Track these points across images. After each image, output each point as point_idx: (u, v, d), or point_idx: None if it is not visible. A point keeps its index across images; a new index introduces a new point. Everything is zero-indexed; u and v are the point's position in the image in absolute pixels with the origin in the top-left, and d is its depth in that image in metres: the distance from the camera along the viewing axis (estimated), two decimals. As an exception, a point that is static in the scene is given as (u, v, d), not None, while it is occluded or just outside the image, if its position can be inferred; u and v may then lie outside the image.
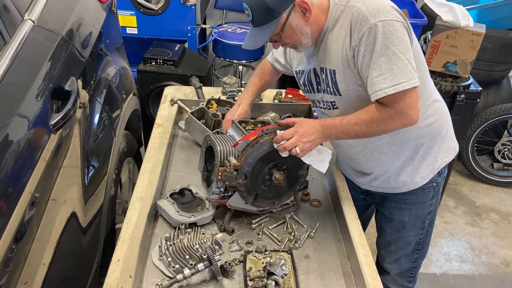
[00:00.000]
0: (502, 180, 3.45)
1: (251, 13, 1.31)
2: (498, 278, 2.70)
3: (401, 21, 1.28)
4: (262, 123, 1.67)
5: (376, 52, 1.26)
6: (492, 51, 3.08)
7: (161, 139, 1.84)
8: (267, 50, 3.97)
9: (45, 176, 1.23)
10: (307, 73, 1.51)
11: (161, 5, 3.14)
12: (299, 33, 1.35)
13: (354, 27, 1.30)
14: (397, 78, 1.26)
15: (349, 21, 1.31)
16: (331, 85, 1.42)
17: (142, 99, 2.89)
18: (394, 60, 1.26)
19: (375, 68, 1.28)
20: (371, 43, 1.27)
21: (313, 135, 1.37)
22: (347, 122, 1.36)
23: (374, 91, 1.29)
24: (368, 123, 1.34)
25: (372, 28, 1.26)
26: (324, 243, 1.46)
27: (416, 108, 1.31)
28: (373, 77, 1.28)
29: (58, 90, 1.39)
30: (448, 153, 1.61)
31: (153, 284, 1.26)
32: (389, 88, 1.27)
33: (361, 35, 1.28)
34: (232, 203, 1.45)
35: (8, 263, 1.05)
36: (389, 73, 1.26)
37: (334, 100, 1.44)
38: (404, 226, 1.68)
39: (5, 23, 1.30)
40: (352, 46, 1.31)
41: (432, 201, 1.65)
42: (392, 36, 1.25)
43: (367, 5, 1.29)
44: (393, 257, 1.78)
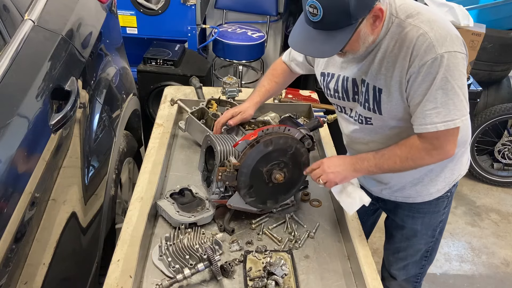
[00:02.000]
0: (502, 180, 3.45)
1: (321, 13, 1.12)
2: (498, 278, 2.70)
3: (463, 52, 1.21)
4: (262, 123, 1.67)
5: (435, 84, 1.19)
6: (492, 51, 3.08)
7: (161, 139, 1.84)
8: (267, 50, 3.97)
9: (45, 176, 1.23)
10: (343, 80, 1.40)
11: (161, 5, 3.14)
12: (361, 42, 1.22)
13: (416, 52, 1.20)
14: (451, 114, 1.21)
15: (411, 43, 1.20)
16: (372, 102, 1.33)
17: (142, 99, 2.89)
18: (452, 95, 1.20)
19: (430, 100, 1.21)
20: (432, 73, 1.19)
21: (338, 167, 1.35)
22: (381, 156, 1.32)
23: (424, 123, 1.23)
24: (404, 159, 1.30)
25: (437, 58, 1.17)
26: (324, 243, 1.46)
27: (455, 143, 1.27)
28: (427, 109, 1.22)
29: (58, 90, 1.39)
30: (464, 166, 1.57)
31: (153, 284, 1.26)
32: (441, 123, 1.22)
33: (423, 62, 1.19)
34: (232, 203, 1.45)
35: (8, 263, 1.05)
36: (443, 108, 1.20)
37: (370, 116, 1.37)
38: (416, 234, 1.64)
39: (5, 23, 1.30)
40: (409, 71, 1.22)
41: (445, 211, 1.61)
42: (454, 69, 1.18)
43: (434, 30, 1.19)
44: (401, 263, 1.74)
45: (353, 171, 1.37)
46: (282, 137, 1.39)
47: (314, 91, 2.33)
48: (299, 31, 1.21)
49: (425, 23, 1.21)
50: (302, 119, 2.04)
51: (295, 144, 1.43)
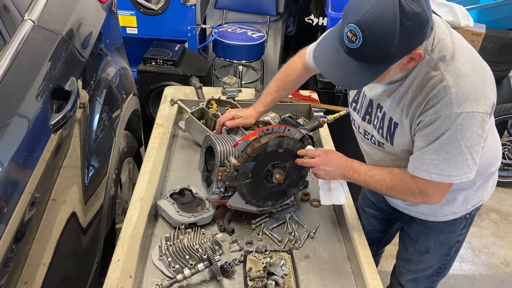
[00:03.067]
0: (502, 180, 3.45)
1: (359, 43, 1.02)
2: (498, 278, 2.70)
3: (484, 112, 1.13)
4: (262, 123, 1.67)
5: (442, 140, 1.15)
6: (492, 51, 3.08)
7: (161, 139, 1.84)
8: (267, 50, 3.97)
9: (45, 176, 1.23)
10: (362, 95, 1.37)
11: (161, 5, 3.14)
12: (388, 76, 1.17)
13: (433, 102, 1.14)
14: (448, 170, 1.18)
15: (431, 91, 1.14)
16: (386, 132, 1.30)
17: (142, 99, 2.89)
18: (456, 153, 1.15)
19: (433, 151, 1.17)
20: (442, 128, 1.14)
21: (331, 167, 1.35)
22: (372, 176, 1.31)
23: (419, 168, 1.21)
24: (390, 188, 1.29)
25: (451, 116, 1.12)
26: (324, 243, 1.46)
27: (442, 195, 1.25)
28: (427, 157, 1.19)
29: (58, 90, 1.39)
30: (489, 191, 1.50)
31: (153, 284, 1.26)
32: (436, 175, 1.19)
33: (437, 116, 1.13)
34: (232, 203, 1.45)
35: (8, 263, 1.05)
36: (443, 163, 1.17)
37: (383, 142, 1.34)
38: (428, 251, 1.59)
39: (5, 23, 1.30)
40: (421, 117, 1.17)
41: (462, 232, 1.55)
42: (466, 129, 1.13)
43: (459, 86, 1.11)
44: (411, 275, 1.69)
45: (342, 176, 1.37)
46: (282, 137, 1.39)
47: (314, 91, 2.33)
48: (328, 47, 1.12)
49: (452, 75, 1.13)
50: (302, 119, 2.04)
51: (295, 144, 1.43)
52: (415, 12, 1.00)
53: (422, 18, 1.02)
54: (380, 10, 0.99)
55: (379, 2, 0.99)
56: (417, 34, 1.04)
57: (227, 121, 1.56)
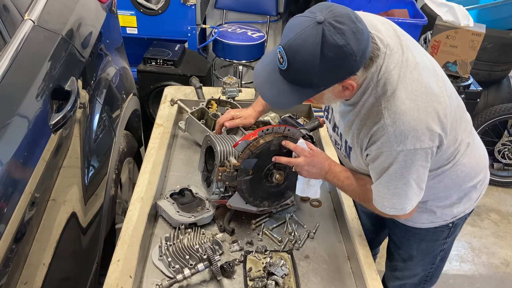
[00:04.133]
0: (502, 180, 3.45)
1: (285, 65, 1.05)
2: (498, 278, 2.70)
3: (427, 147, 1.12)
4: (262, 123, 1.67)
5: (389, 175, 1.17)
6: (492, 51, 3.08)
7: (161, 139, 1.84)
8: (267, 50, 3.97)
9: (45, 176, 1.23)
10: (332, 110, 1.38)
11: (161, 5, 3.14)
12: (326, 101, 1.19)
13: (373, 140, 1.16)
14: (400, 204, 1.21)
15: (371, 128, 1.15)
16: (344, 150, 1.34)
17: (142, 99, 2.89)
18: (405, 188, 1.18)
19: (383, 185, 1.20)
20: (385, 164, 1.16)
21: (315, 169, 1.36)
22: (348, 185, 1.34)
23: (375, 200, 1.25)
24: (362, 201, 1.33)
25: (392, 154, 1.13)
26: (324, 243, 1.46)
27: (410, 213, 1.27)
28: (379, 190, 1.22)
29: (58, 90, 1.39)
30: (470, 203, 1.44)
31: (153, 284, 1.26)
32: (390, 208, 1.23)
33: (379, 152, 1.15)
34: (232, 203, 1.45)
35: (8, 263, 1.05)
36: (394, 198, 1.20)
37: (346, 155, 1.36)
38: (411, 258, 1.59)
39: (5, 23, 1.30)
40: (367, 151, 1.20)
41: (446, 240, 1.53)
42: (410, 166, 1.14)
43: (397, 125, 1.10)
44: (398, 282, 1.69)
45: (323, 178, 1.38)
46: (286, 137, 1.39)
47: (314, 91, 2.32)
48: (267, 63, 1.13)
49: (390, 113, 1.11)
50: (302, 119, 2.04)
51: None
52: (338, 45, 0.99)
53: (345, 51, 1.00)
54: (304, 38, 1.00)
55: (304, 29, 1.00)
56: (341, 65, 1.02)
57: (226, 122, 1.56)
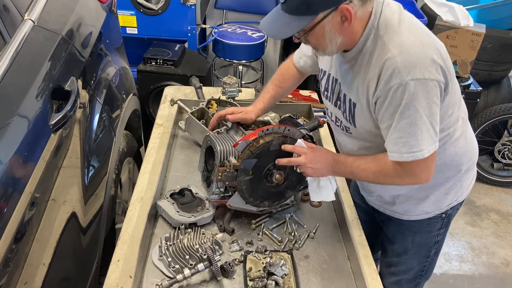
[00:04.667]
0: (502, 180, 3.45)
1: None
2: (498, 278, 2.70)
3: (436, 79, 1.14)
4: (262, 123, 1.67)
5: (401, 112, 1.15)
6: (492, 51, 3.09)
7: (161, 139, 1.84)
8: (267, 50, 3.97)
9: (45, 176, 1.23)
10: (332, 80, 1.38)
11: (161, 5, 3.14)
12: (328, 39, 1.19)
13: (383, 76, 1.16)
14: (418, 145, 1.17)
15: (378, 65, 1.17)
16: (348, 113, 1.32)
17: (142, 99, 2.89)
18: (420, 124, 1.16)
19: (398, 128, 1.18)
20: (397, 99, 1.15)
21: (319, 164, 1.33)
22: (357, 166, 1.30)
23: (392, 150, 1.21)
24: (376, 173, 1.28)
25: (402, 85, 1.13)
26: (324, 243, 1.46)
27: (429, 171, 1.24)
28: (394, 137, 1.19)
29: (58, 90, 1.39)
30: (464, 190, 1.49)
31: (153, 284, 1.26)
32: (408, 154, 1.18)
33: (388, 87, 1.15)
34: (232, 203, 1.45)
35: (8, 263, 1.05)
36: (411, 138, 1.17)
37: (349, 126, 1.35)
38: (406, 252, 1.58)
39: (5, 23, 1.30)
40: (376, 94, 1.19)
41: (440, 232, 1.54)
42: (422, 98, 1.13)
43: (404, 55, 1.13)
44: (393, 278, 1.69)
45: (331, 172, 1.36)
46: (285, 137, 1.39)
47: (314, 91, 2.33)
48: (273, 12, 1.21)
49: (396, 46, 1.15)
50: (302, 119, 2.04)
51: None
52: None
53: None
54: None
55: None
56: None
57: (229, 115, 1.56)
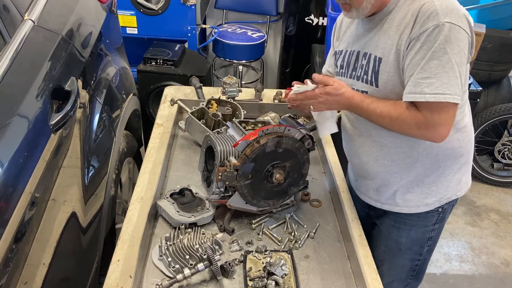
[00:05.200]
0: (502, 180, 3.46)
1: None
2: (498, 278, 2.70)
3: (467, 33, 1.21)
4: (262, 123, 1.67)
5: (433, 53, 1.18)
6: (492, 51, 3.08)
7: (161, 139, 1.84)
8: (267, 50, 3.97)
9: (45, 176, 1.23)
10: (349, 54, 1.44)
11: (161, 5, 3.14)
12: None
13: (419, 19, 1.20)
14: (443, 87, 1.17)
15: (416, 11, 1.22)
16: (371, 73, 1.34)
17: (142, 99, 2.89)
18: (448, 68, 1.17)
19: (425, 68, 1.19)
20: (431, 41, 1.18)
21: (333, 105, 1.37)
22: (374, 109, 1.30)
23: (413, 91, 1.21)
24: (394, 119, 1.27)
25: (439, 26, 1.17)
26: (324, 243, 1.46)
27: (448, 126, 1.23)
28: (419, 77, 1.20)
29: (58, 90, 1.39)
30: (463, 186, 1.51)
31: (153, 284, 1.26)
32: (431, 95, 1.18)
33: (424, 29, 1.19)
34: (232, 203, 1.45)
35: (8, 263, 1.05)
36: (436, 79, 1.18)
37: (366, 90, 1.37)
38: (400, 248, 1.59)
39: (5, 23, 1.30)
40: (410, 37, 1.22)
41: (435, 227, 1.55)
42: (454, 43, 1.17)
43: (441, 1, 1.20)
44: (385, 279, 1.61)
45: (342, 107, 1.38)
46: (280, 137, 1.39)
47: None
48: None
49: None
50: (302, 119, 2.04)
51: (295, 144, 1.43)
52: None
53: None
54: None
55: None
56: None
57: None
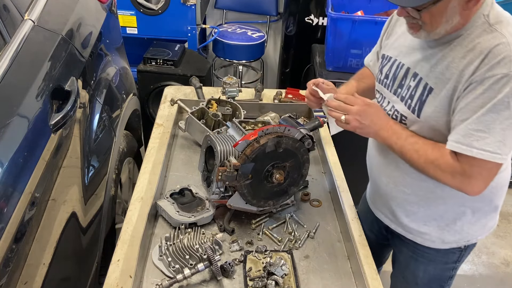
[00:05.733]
0: (502, 180, 3.45)
1: None
2: (498, 278, 2.70)
3: None
4: (262, 123, 1.67)
5: (494, 105, 1.04)
6: (492, 51, 3.08)
7: (161, 139, 1.84)
8: (267, 50, 3.97)
9: (45, 176, 1.24)
10: (397, 66, 1.30)
11: (161, 5, 3.14)
12: (444, 18, 1.08)
13: (488, 60, 1.06)
14: (494, 145, 1.06)
15: (486, 49, 1.07)
16: (416, 101, 1.21)
17: (142, 99, 2.89)
18: (506, 125, 1.05)
19: (481, 120, 1.06)
20: (495, 90, 1.04)
21: (368, 120, 1.22)
22: (412, 143, 1.19)
23: (461, 141, 1.09)
24: (429, 161, 1.17)
25: (508, 76, 1.03)
26: (324, 243, 1.46)
27: (486, 183, 1.14)
28: (472, 128, 1.07)
29: (58, 90, 1.39)
30: (484, 230, 1.39)
31: (153, 284, 1.26)
32: (479, 150, 1.07)
33: (491, 74, 1.05)
34: (232, 203, 1.45)
35: (8, 263, 1.05)
36: (490, 135, 1.06)
37: (406, 116, 1.25)
38: (416, 282, 1.49)
39: (5, 23, 1.30)
40: (470, 79, 1.08)
41: (456, 265, 1.44)
42: None
43: None
44: None
45: (375, 133, 1.25)
46: (280, 137, 1.39)
47: (314, 91, 2.32)
48: None
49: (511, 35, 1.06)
50: (302, 119, 2.04)
51: (295, 144, 1.43)
52: None
53: None
54: None
55: None
56: None
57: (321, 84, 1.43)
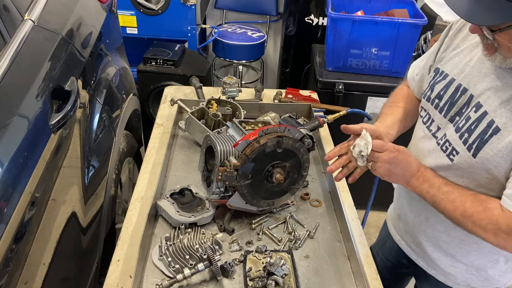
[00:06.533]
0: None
1: None
2: (498, 278, 2.69)
3: None
4: (262, 123, 1.67)
5: None
6: (492, 51, 3.08)
7: (161, 139, 1.84)
8: (267, 50, 3.97)
9: (45, 176, 1.24)
10: (455, 87, 1.13)
11: (161, 5, 3.15)
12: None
13: None
14: None
15: None
16: (475, 138, 1.05)
17: (142, 99, 2.90)
18: None
19: None
20: None
21: (398, 169, 1.11)
22: (446, 192, 1.07)
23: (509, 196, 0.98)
24: (467, 215, 1.04)
25: None
26: (324, 243, 1.46)
27: None
28: None
29: (58, 90, 1.39)
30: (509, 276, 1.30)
31: (153, 284, 1.26)
32: None
33: None
34: (232, 203, 1.45)
35: (8, 263, 1.05)
36: None
37: (459, 151, 1.09)
38: None
39: (5, 23, 1.30)
40: None
41: None
42: None
43: None
44: None
45: (406, 182, 1.13)
46: (280, 137, 1.39)
47: (314, 91, 2.33)
48: None
49: None
50: (302, 119, 2.04)
51: (295, 144, 1.43)
52: None
53: None
54: None
55: None
56: None
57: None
